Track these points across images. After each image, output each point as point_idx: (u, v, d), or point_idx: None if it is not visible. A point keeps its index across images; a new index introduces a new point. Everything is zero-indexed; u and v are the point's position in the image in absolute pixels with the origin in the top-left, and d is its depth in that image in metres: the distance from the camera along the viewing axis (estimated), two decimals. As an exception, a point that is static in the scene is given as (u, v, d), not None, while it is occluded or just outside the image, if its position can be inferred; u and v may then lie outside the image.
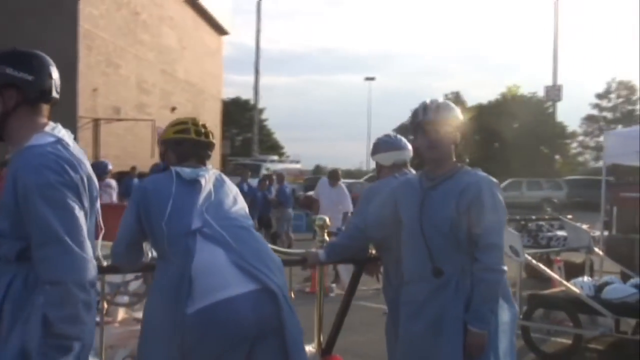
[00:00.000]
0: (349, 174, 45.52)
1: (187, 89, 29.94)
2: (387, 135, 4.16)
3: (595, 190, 27.54)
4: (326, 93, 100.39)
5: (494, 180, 3.17)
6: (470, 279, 3.05)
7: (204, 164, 3.06)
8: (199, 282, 2.65)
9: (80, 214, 2.20)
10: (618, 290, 6.30)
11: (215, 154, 31.67)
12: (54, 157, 2.21)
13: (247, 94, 57.74)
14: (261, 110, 45.30)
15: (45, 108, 2.39)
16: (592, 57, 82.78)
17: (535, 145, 40.90)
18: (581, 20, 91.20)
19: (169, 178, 2.88)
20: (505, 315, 3.15)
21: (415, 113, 3.27)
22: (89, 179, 2.33)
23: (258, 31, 41.38)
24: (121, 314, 4.87)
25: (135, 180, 14.40)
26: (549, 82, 39.17)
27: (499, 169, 29.22)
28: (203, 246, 2.72)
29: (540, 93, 41.47)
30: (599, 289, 6.43)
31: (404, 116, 56.81)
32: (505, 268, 3.09)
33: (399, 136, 4.12)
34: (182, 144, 3.04)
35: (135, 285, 5.36)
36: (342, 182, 11.17)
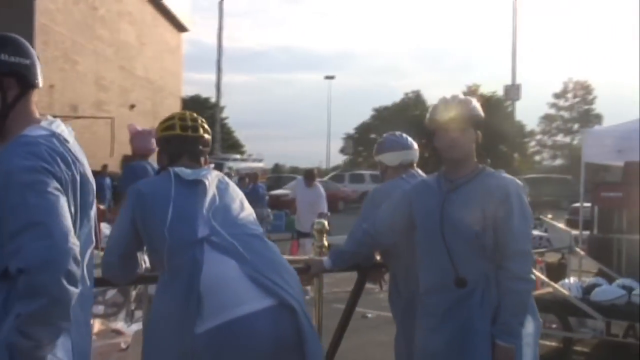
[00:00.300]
0: (309, 172, 45.21)
1: (147, 86, 29.29)
2: (393, 134, 3.92)
3: (556, 188, 28.31)
4: (286, 91, 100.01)
5: (520, 182, 2.95)
6: (495, 289, 2.82)
7: (199, 163, 2.74)
8: (209, 297, 2.34)
9: (65, 206, 1.88)
10: (607, 292, 6.18)
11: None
12: (45, 148, 1.92)
13: (206, 92, 57.09)
14: (221, 109, 44.74)
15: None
16: (549, 57, 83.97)
17: (495, 144, 41.22)
18: (539, 21, 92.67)
19: (166, 179, 2.57)
20: (529, 326, 2.93)
21: (434, 110, 3.02)
22: (85, 180, 2.02)
23: (220, 28, 40.78)
24: (97, 325, 4.51)
25: (108, 180, 13.84)
26: (508, 82, 39.39)
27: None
28: (212, 257, 2.41)
29: (500, 92, 41.73)
30: (587, 290, 6.32)
31: (365, 115, 57.05)
32: (534, 277, 2.87)
33: (404, 135, 3.88)
34: (170, 141, 2.74)
35: (111, 293, 5.01)
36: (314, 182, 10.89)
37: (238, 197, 2.70)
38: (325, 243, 3.94)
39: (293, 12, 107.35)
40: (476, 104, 3.01)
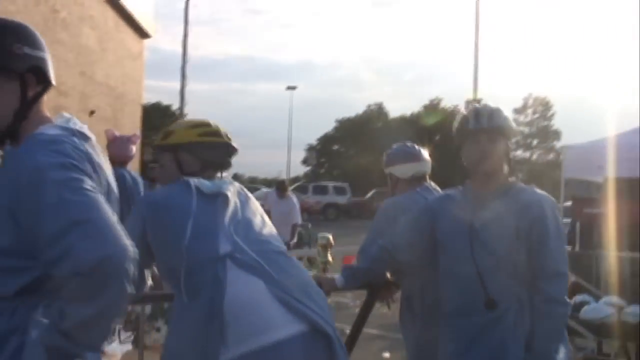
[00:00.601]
0: (267, 182, 45.09)
1: (107, 92, 28.51)
2: (404, 145, 3.71)
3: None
4: (246, 101, 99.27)
5: (553, 199, 2.76)
6: (528, 312, 2.61)
7: (219, 174, 2.52)
8: (234, 322, 2.08)
9: (106, 204, 1.63)
10: (597, 310, 6.04)
11: (135, 160, 30.59)
12: (69, 146, 1.67)
13: (167, 100, 56.37)
14: (183, 117, 44.22)
15: None
16: (511, 73, 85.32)
17: (456, 158, 41.60)
18: (501, 36, 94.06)
19: (183, 191, 2.30)
20: (561, 353, 2.72)
21: (464, 120, 2.83)
22: (110, 190, 1.77)
23: (185, 35, 40.10)
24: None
25: None
26: (470, 96, 39.75)
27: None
28: (236, 276, 2.16)
29: (462, 106, 42.14)
30: (576, 308, 6.19)
31: (326, 126, 56.93)
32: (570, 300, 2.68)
33: (416, 146, 3.66)
34: (214, 148, 2.49)
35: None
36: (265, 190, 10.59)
37: (258, 212, 2.45)
38: (330, 259, 3.69)
39: (254, 22, 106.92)
40: (507, 115, 2.81)
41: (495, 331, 2.64)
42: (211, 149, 2.51)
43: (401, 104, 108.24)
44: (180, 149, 2.49)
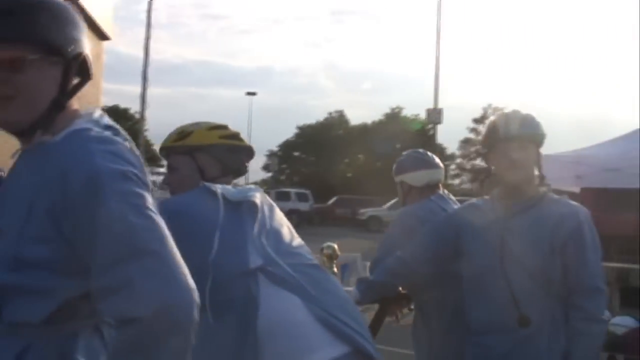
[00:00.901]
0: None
1: (65, 94, 27.99)
2: (416, 151, 3.53)
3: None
4: (205, 106, 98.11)
5: (587, 210, 2.63)
6: (562, 330, 2.47)
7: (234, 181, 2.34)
8: (270, 342, 1.87)
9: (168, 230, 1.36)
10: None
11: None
12: (124, 148, 1.41)
13: (124, 104, 55.53)
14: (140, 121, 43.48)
15: None
16: (471, 83, 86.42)
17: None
18: (462, 46, 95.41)
19: (210, 198, 2.07)
20: None
21: (493, 127, 2.67)
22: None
23: (147, 38, 39.52)
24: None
25: None
26: (431, 105, 40.04)
27: (382, 188, 29.62)
28: (270, 292, 1.94)
29: (422, 115, 42.38)
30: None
31: (287, 132, 56.81)
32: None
33: (429, 152, 3.50)
34: (236, 152, 2.30)
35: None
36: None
37: (284, 222, 2.24)
38: (335, 270, 3.51)
39: (213, 27, 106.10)
40: (539, 121, 2.67)
41: (528, 350, 2.48)
42: (233, 152, 2.31)
43: (360, 113, 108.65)
44: (200, 152, 2.27)
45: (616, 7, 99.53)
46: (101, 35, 33.31)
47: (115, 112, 44.45)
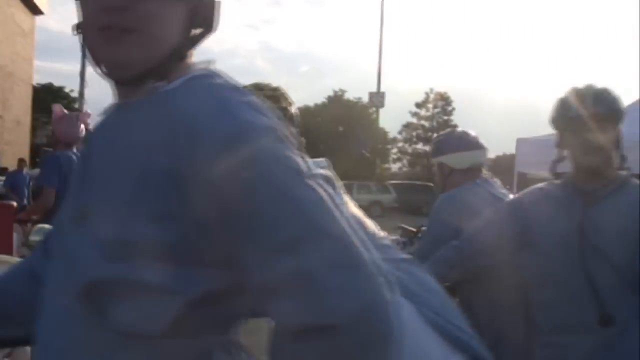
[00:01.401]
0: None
1: (-6, 70, 26.89)
2: (457, 131, 3.21)
3: (420, 195, 29.01)
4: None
5: None
6: None
7: None
8: None
9: None
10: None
11: (25, 144, 28.91)
12: (258, 100, 1.08)
13: (59, 82, 53.81)
14: (75, 100, 42.21)
15: None
16: (413, 67, 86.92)
17: (358, 149, 41.92)
18: (405, 32, 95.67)
19: None
20: None
21: (564, 104, 2.34)
22: None
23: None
24: None
25: (25, 174, 11.83)
26: (373, 89, 40.04)
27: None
28: None
29: (365, 99, 42.40)
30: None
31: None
32: None
33: (469, 131, 3.15)
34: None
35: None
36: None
37: (356, 207, 1.84)
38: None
39: None
40: (618, 97, 2.34)
41: (613, 353, 2.21)
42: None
43: (299, 95, 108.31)
44: None
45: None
46: (34, 9, 32.20)
47: (49, 91, 43.00)
